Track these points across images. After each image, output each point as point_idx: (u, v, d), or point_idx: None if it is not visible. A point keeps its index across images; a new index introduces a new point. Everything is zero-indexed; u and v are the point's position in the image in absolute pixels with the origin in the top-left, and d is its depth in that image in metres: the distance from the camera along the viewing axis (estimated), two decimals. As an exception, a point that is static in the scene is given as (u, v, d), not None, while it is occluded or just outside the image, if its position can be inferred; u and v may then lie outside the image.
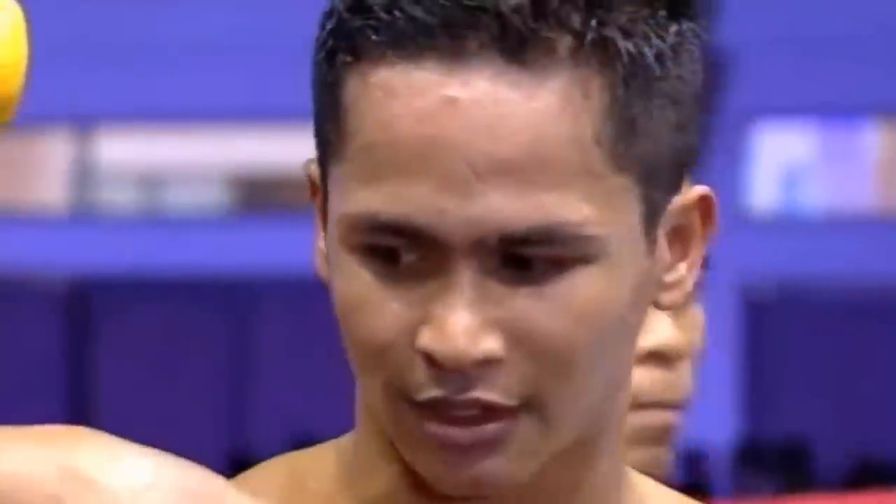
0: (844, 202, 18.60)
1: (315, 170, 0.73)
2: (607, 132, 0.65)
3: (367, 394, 0.71)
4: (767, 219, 18.34)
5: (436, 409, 0.66)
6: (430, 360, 0.65)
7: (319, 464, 0.78)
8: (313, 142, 0.72)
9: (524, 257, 0.65)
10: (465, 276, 0.65)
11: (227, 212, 20.13)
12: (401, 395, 0.67)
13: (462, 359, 0.64)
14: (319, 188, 0.73)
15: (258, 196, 20.30)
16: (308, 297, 9.24)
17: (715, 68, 13.72)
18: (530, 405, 0.66)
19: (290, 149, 15.00)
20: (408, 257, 0.66)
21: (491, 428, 0.66)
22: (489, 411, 0.66)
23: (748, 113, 17.34)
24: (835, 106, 17.88)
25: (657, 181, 0.69)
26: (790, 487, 15.05)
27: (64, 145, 19.99)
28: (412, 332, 0.66)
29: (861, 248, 17.23)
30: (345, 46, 0.67)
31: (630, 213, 0.68)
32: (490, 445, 0.66)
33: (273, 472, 0.78)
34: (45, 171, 20.67)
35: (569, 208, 0.64)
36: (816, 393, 17.33)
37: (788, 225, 18.43)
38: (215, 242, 18.06)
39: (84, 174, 19.86)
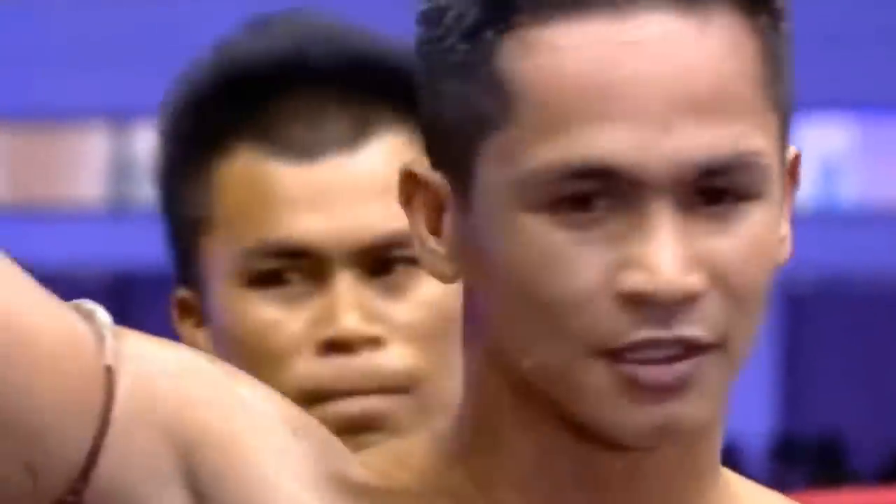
0: (882, 195, 18.50)
1: (423, 170, 0.73)
2: (763, 72, 0.67)
3: (539, 357, 0.70)
4: (805, 212, 18.24)
5: (635, 352, 0.66)
6: (634, 301, 0.65)
7: (420, 446, 0.78)
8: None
9: (715, 190, 0.66)
10: (665, 214, 0.65)
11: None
12: (592, 348, 0.67)
13: (672, 292, 0.65)
14: (429, 185, 0.73)
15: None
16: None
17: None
18: (721, 343, 0.67)
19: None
20: (602, 202, 0.66)
21: (686, 366, 0.66)
22: (689, 349, 0.66)
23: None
24: (872, 99, 17.79)
25: (788, 127, 0.71)
26: (825, 481, 15.00)
27: (102, 141, 20.13)
28: (611, 277, 0.66)
29: (898, 241, 17.13)
30: (494, 18, 0.68)
31: (778, 154, 0.70)
32: (684, 385, 0.67)
33: (375, 453, 0.79)
34: (84, 167, 20.81)
35: (752, 138, 0.66)
36: (852, 386, 17.28)
37: (826, 218, 18.33)
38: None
39: (122, 169, 20.00)
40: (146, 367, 0.74)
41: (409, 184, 0.74)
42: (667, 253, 0.65)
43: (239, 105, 1.21)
